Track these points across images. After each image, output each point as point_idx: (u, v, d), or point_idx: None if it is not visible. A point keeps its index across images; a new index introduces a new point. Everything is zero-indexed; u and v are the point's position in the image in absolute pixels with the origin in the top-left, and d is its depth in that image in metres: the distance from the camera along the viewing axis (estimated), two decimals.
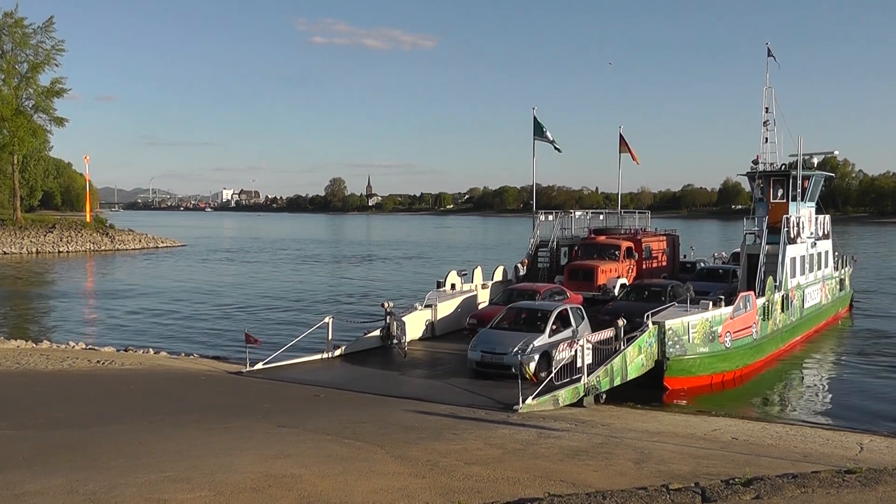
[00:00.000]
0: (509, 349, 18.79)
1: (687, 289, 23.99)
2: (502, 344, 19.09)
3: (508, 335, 19.45)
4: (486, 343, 19.42)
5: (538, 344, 18.86)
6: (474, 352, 19.41)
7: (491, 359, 18.96)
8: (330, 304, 37.91)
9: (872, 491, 7.82)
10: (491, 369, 18.92)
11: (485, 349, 19.26)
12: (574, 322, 20.41)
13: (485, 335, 20.06)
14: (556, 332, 19.49)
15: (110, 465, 9.82)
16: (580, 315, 21.07)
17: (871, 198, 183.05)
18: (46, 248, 73.11)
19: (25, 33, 76.12)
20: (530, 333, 19.25)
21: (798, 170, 28.22)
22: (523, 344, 18.70)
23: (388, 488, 8.97)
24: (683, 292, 24.46)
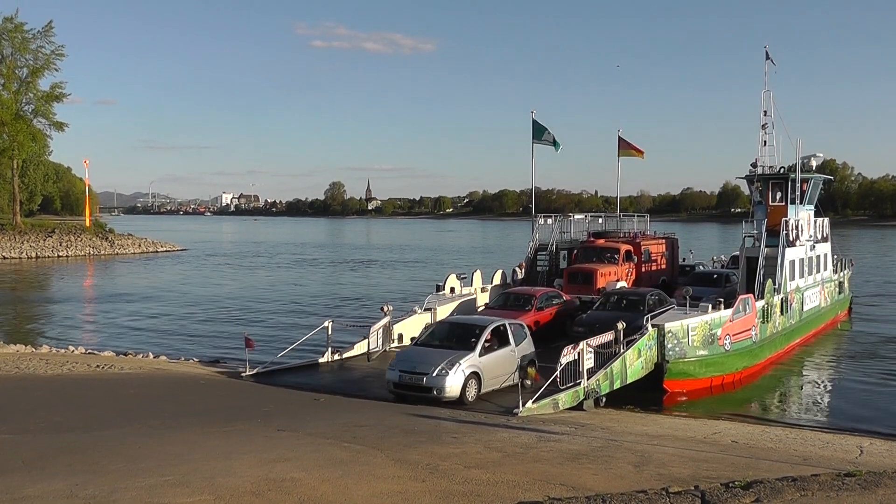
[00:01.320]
0: (431, 369, 16.64)
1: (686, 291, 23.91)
2: (424, 363, 16.94)
3: (433, 353, 17.32)
4: (407, 362, 17.36)
5: (466, 363, 16.79)
6: (392, 371, 17.24)
7: (410, 379, 16.80)
8: (329, 308, 37.91)
9: (872, 494, 7.82)
10: (410, 391, 16.82)
11: (404, 368, 17.10)
12: (513, 340, 18.34)
13: (407, 353, 18.28)
14: (489, 351, 17.60)
15: (110, 469, 9.82)
16: (522, 333, 19.01)
17: (870, 201, 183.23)
18: (46, 253, 73.09)
19: (25, 38, 76.17)
20: (459, 351, 17.19)
21: (797, 173, 28.26)
22: (448, 363, 16.59)
23: (387, 492, 8.97)
24: (662, 301, 23.71)
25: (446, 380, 16.47)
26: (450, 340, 18.13)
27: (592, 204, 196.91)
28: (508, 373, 17.83)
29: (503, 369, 17.80)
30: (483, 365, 17.22)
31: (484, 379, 17.15)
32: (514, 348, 18.32)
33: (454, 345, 17.78)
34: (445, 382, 16.45)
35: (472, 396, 16.84)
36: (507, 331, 18.52)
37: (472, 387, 16.89)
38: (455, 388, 16.50)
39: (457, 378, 16.56)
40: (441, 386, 16.43)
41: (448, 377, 16.50)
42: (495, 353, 17.83)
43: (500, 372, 17.73)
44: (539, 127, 33.05)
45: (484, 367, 17.23)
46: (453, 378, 16.51)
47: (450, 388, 16.45)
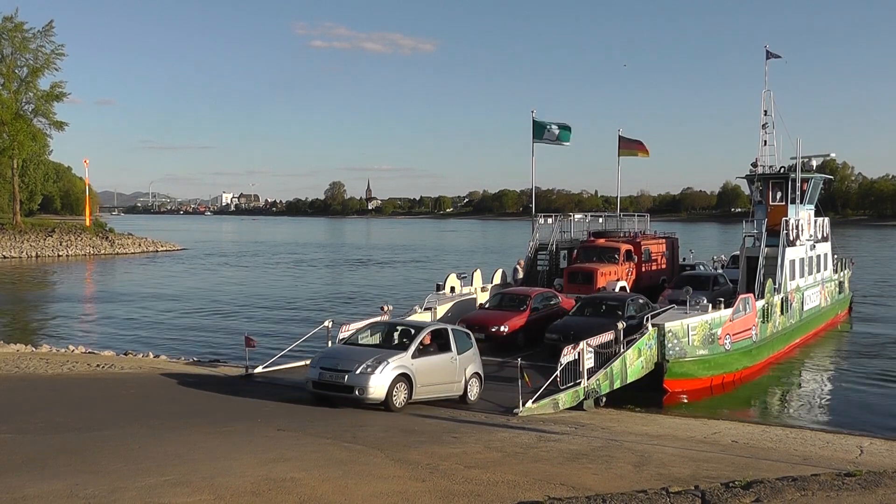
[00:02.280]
0: (354, 366, 15.13)
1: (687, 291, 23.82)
2: (348, 360, 15.47)
3: (361, 351, 15.97)
4: (329, 358, 15.89)
5: (395, 363, 15.25)
6: (313, 369, 15.76)
7: (330, 378, 15.31)
8: (330, 308, 37.90)
9: (872, 494, 7.82)
10: (331, 391, 15.38)
11: (326, 366, 15.59)
12: (455, 347, 16.61)
13: (332, 350, 17.05)
14: (425, 354, 16.00)
15: (110, 468, 9.82)
16: (467, 341, 17.31)
17: (871, 201, 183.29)
18: (46, 252, 73.11)
19: (25, 37, 76.16)
20: (390, 351, 15.84)
21: (797, 172, 28.27)
22: (374, 361, 15.14)
23: (387, 492, 8.98)
24: (644, 306, 22.72)
25: (370, 379, 14.89)
26: (386, 341, 16.77)
27: (592, 204, 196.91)
28: (447, 382, 16.37)
29: (440, 377, 16.22)
30: (416, 368, 15.58)
31: (416, 384, 15.53)
32: (454, 356, 16.53)
33: (387, 345, 16.44)
34: (369, 382, 14.87)
35: (401, 402, 15.25)
36: (448, 336, 16.81)
37: (402, 390, 15.27)
38: (380, 389, 14.90)
39: (383, 378, 14.96)
40: (364, 385, 14.87)
41: (373, 376, 14.92)
42: (432, 357, 16.16)
43: (437, 379, 16.13)
44: (539, 126, 32.98)
45: (417, 371, 15.58)
46: (379, 378, 14.92)
47: (374, 388, 14.86)
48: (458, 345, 16.76)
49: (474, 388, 17.02)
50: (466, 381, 16.71)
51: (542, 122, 33.04)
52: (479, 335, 22.56)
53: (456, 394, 16.59)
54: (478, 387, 17.17)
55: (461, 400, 16.62)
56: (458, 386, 16.59)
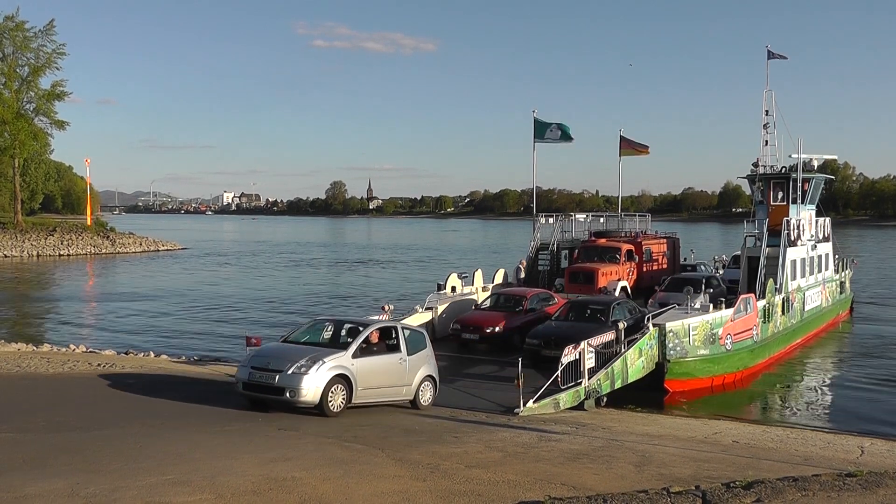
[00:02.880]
0: (286, 366, 13.90)
1: (688, 290, 23.77)
2: (281, 359, 14.24)
3: (297, 349, 14.68)
4: (261, 357, 14.61)
5: (332, 362, 14.02)
6: (243, 369, 14.51)
7: (260, 378, 14.04)
8: (331, 307, 37.92)
9: (873, 494, 7.81)
10: (262, 393, 14.16)
11: (257, 365, 14.31)
12: (405, 347, 15.38)
13: (265, 348, 15.74)
14: (368, 353, 14.74)
15: (111, 468, 9.82)
16: (420, 341, 16.12)
17: (872, 201, 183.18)
18: (47, 252, 73.15)
19: (26, 37, 76.17)
20: (328, 350, 14.59)
21: (798, 172, 28.25)
22: (309, 360, 13.89)
23: (388, 491, 8.98)
24: (631, 310, 22.22)
25: (303, 380, 13.68)
26: (333, 340, 15.53)
27: (593, 203, 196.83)
28: (393, 385, 15.16)
29: (386, 379, 15.01)
30: (357, 369, 14.36)
31: (357, 386, 14.33)
32: (404, 357, 15.31)
33: (327, 344, 15.21)
34: (302, 383, 13.65)
35: (338, 406, 14.07)
36: (398, 335, 15.53)
37: (339, 393, 14.09)
38: (313, 392, 13.71)
39: (317, 379, 13.75)
40: (295, 387, 13.65)
41: (306, 377, 13.71)
42: (377, 357, 14.90)
43: (382, 382, 14.92)
44: (541, 126, 32.99)
45: (358, 372, 14.35)
46: (312, 378, 13.72)
47: (306, 390, 13.66)
48: (409, 345, 15.53)
49: (427, 393, 15.87)
50: (418, 384, 15.58)
51: (543, 122, 33.04)
52: (474, 336, 22.58)
53: (405, 398, 15.49)
54: (431, 391, 16.01)
55: (412, 405, 15.58)
56: (408, 390, 15.46)
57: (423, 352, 16.01)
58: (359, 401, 14.52)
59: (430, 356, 16.21)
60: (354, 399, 14.40)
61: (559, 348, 18.30)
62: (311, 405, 13.84)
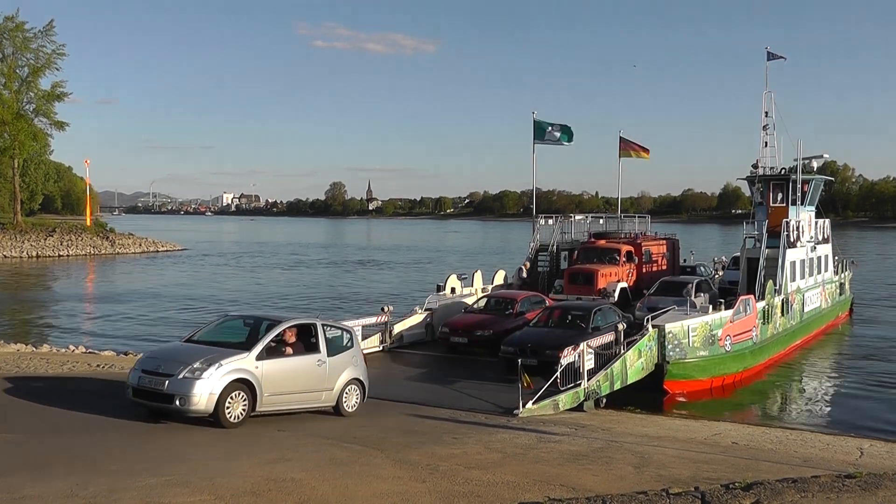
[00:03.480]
0: (178, 369, 12.36)
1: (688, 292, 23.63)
2: (174, 361, 12.69)
3: (195, 350, 13.14)
4: (153, 360, 13.15)
5: (230, 365, 12.48)
6: (134, 372, 12.97)
7: (149, 384, 12.50)
8: (330, 309, 37.90)
9: (872, 495, 7.82)
10: (150, 401, 12.61)
11: (148, 368, 12.79)
12: (325, 348, 13.88)
13: (159, 349, 14.63)
14: (277, 354, 13.25)
15: (110, 469, 9.82)
16: (344, 338, 14.75)
17: (871, 202, 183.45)
18: (47, 252, 73.11)
19: (26, 37, 76.12)
20: (229, 350, 12.99)
21: (798, 174, 28.27)
22: (204, 363, 12.36)
23: (387, 492, 8.98)
24: (613, 316, 21.35)
25: (195, 385, 12.11)
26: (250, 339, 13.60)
27: (593, 205, 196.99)
28: (310, 390, 13.70)
29: (300, 383, 13.53)
30: (263, 372, 12.83)
31: (262, 392, 12.81)
32: (323, 358, 13.82)
33: (235, 344, 13.44)
34: (193, 389, 12.09)
35: (238, 415, 12.51)
36: (317, 333, 14.01)
37: (239, 400, 12.54)
38: (206, 399, 12.15)
39: (210, 384, 12.19)
40: (186, 393, 12.09)
41: (198, 382, 12.14)
42: (289, 359, 13.41)
43: (295, 386, 13.43)
44: (541, 127, 32.98)
45: (265, 376, 12.84)
46: (205, 384, 12.15)
47: (198, 397, 12.09)
48: (330, 345, 14.12)
49: (352, 398, 14.47)
50: (341, 389, 14.17)
51: (543, 123, 33.03)
52: (463, 339, 22.10)
53: (326, 404, 14.11)
54: (357, 396, 14.60)
55: (335, 412, 14.23)
56: (329, 395, 14.05)
57: (348, 353, 14.60)
58: (265, 409, 13.02)
59: (356, 357, 14.81)
60: (260, 407, 12.88)
61: (535, 356, 18.14)
62: (205, 414, 12.30)
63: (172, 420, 12.59)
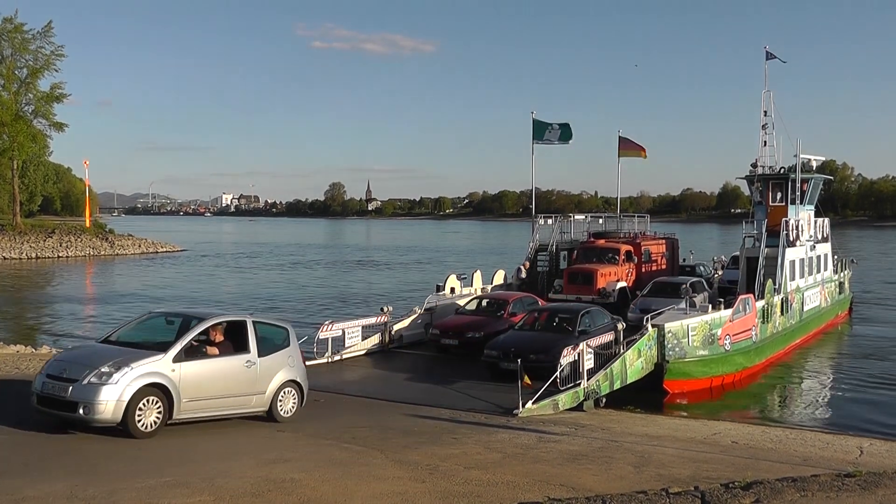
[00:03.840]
0: (84, 373, 11.30)
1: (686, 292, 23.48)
2: (79, 365, 11.63)
3: (106, 352, 11.98)
4: (59, 363, 12.02)
5: (142, 368, 11.40)
6: (39, 377, 11.92)
7: (52, 390, 11.41)
8: (329, 309, 37.91)
9: (872, 494, 7.83)
10: (55, 409, 11.49)
11: (52, 373, 11.72)
12: (255, 347, 12.84)
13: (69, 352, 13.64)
14: (198, 355, 12.18)
15: (109, 470, 9.83)
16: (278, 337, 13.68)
17: (871, 201, 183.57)
18: (46, 253, 73.10)
19: (25, 38, 76.06)
20: (142, 352, 11.83)
21: (797, 173, 28.29)
22: (111, 367, 11.27)
23: (387, 492, 8.98)
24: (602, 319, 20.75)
25: (101, 392, 11.05)
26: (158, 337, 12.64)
27: (592, 204, 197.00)
28: (237, 394, 12.65)
29: (227, 387, 12.46)
30: (182, 375, 11.77)
31: (180, 398, 11.75)
32: (253, 359, 12.79)
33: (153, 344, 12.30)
34: (98, 396, 11.03)
35: (151, 424, 11.47)
36: (246, 332, 12.93)
37: (152, 408, 11.46)
38: (113, 407, 11.09)
39: (118, 390, 11.11)
40: (90, 401, 11.02)
41: (104, 388, 11.08)
42: (214, 360, 12.33)
43: (219, 391, 12.34)
44: (540, 126, 32.95)
45: (183, 380, 11.77)
46: (112, 390, 11.08)
47: (104, 404, 11.03)
48: (262, 344, 13.06)
49: (288, 402, 13.46)
50: (275, 392, 13.17)
51: (542, 123, 33.02)
52: (453, 341, 21.72)
53: (257, 409, 13.09)
54: (294, 400, 13.60)
55: (268, 416, 13.23)
56: (261, 399, 13.02)
57: (283, 352, 13.50)
58: (185, 416, 11.98)
59: (293, 357, 13.70)
60: (178, 414, 11.84)
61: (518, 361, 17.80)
62: (113, 424, 11.22)
63: None
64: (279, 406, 13.34)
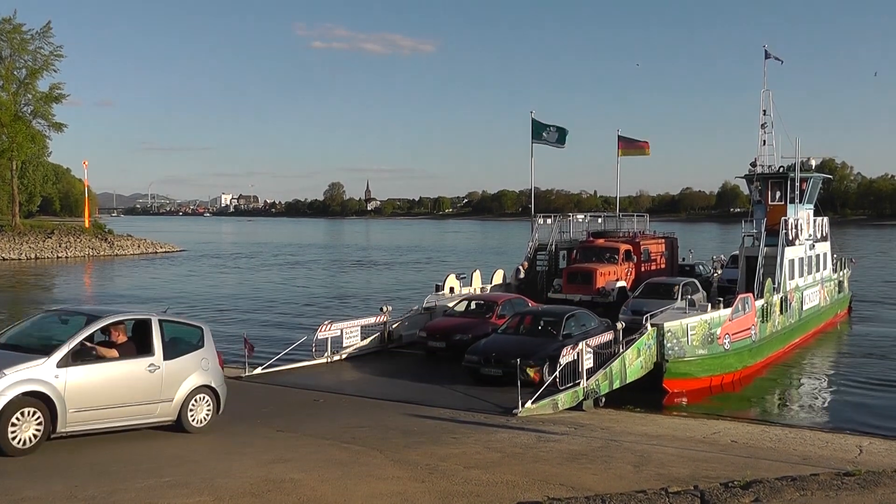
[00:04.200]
0: None
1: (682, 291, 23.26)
2: None
3: None
4: None
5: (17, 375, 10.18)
6: None
7: None
8: (329, 308, 37.90)
9: (871, 493, 7.83)
10: None
11: None
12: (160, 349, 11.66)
13: None
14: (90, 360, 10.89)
15: (109, 470, 9.82)
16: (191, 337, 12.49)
17: (870, 200, 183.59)
18: (45, 254, 73.07)
19: (24, 39, 76.09)
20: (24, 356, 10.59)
21: (796, 172, 28.29)
22: None
23: (387, 492, 8.98)
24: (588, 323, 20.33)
25: None
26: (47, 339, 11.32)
27: (591, 204, 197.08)
28: (136, 402, 11.34)
29: (124, 395, 11.20)
30: (69, 383, 10.49)
31: (65, 408, 10.47)
32: (157, 362, 11.54)
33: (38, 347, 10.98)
34: None
35: (29, 439, 10.22)
36: (150, 332, 11.64)
37: (30, 420, 10.20)
38: None
39: None
40: None
41: None
42: (107, 365, 11.04)
43: (115, 399, 11.08)
44: (539, 126, 32.96)
45: (70, 387, 10.49)
46: None
47: None
48: (170, 346, 11.81)
49: (200, 410, 12.18)
50: (184, 399, 11.90)
51: (541, 123, 33.02)
52: (441, 344, 21.37)
53: (162, 419, 11.80)
54: (208, 407, 12.31)
55: (177, 427, 11.95)
56: (167, 407, 11.72)
57: (195, 354, 12.23)
58: (73, 428, 10.71)
59: (207, 359, 12.37)
60: (63, 426, 10.55)
61: (499, 366, 17.62)
62: None
63: None
64: (190, 415, 12.09)
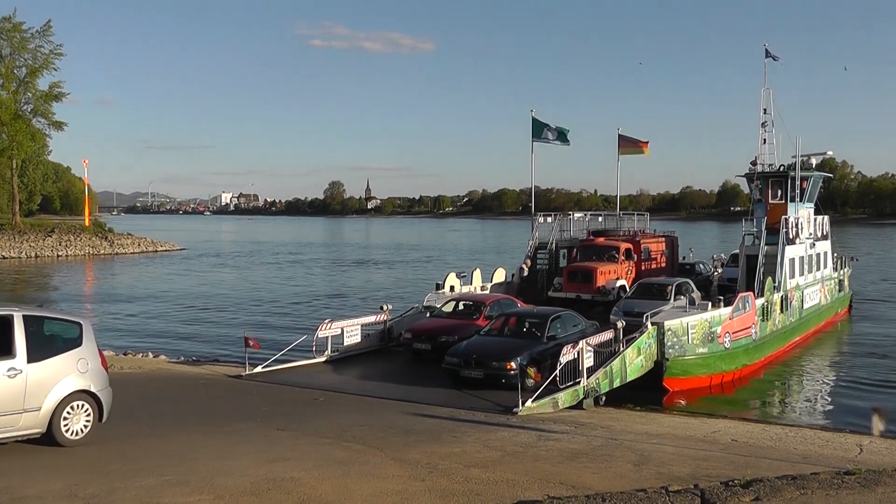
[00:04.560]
0: None
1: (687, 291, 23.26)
2: None
3: None
4: None
5: None
6: None
7: None
8: (329, 307, 37.91)
9: (871, 492, 7.83)
10: None
11: None
12: (25, 349, 10.21)
13: None
14: None
15: (109, 469, 9.82)
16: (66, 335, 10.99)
17: (870, 199, 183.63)
18: (45, 252, 73.10)
19: (24, 37, 76.07)
20: None
21: (796, 170, 28.28)
22: None
23: (387, 491, 8.98)
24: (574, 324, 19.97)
25: None
26: None
27: (592, 203, 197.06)
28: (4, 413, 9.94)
29: None
30: None
31: None
32: (19, 366, 10.12)
33: None
34: None
35: None
36: (11, 330, 10.18)
37: None
38: None
39: None
40: None
41: None
42: None
43: None
44: (539, 125, 32.93)
45: None
46: None
47: None
48: (37, 346, 10.32)
49: (77, 420, 10.72)
50: (54, 407, 10.42)
51: (541, 122, 33.00)
52: (426, 346, 20.77)
53: (28, 431, 10.33)
54: (88, 416, 10.87)
55: (47, 439, 10.50)
56: (32, 418, 10.26)
57: (70, 355, 10.73)
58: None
59: (84, 360, 10.89)
60: None
61: (480, 368, 17.37)
62: None
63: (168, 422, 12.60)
64: (63, 425, 10.57)
